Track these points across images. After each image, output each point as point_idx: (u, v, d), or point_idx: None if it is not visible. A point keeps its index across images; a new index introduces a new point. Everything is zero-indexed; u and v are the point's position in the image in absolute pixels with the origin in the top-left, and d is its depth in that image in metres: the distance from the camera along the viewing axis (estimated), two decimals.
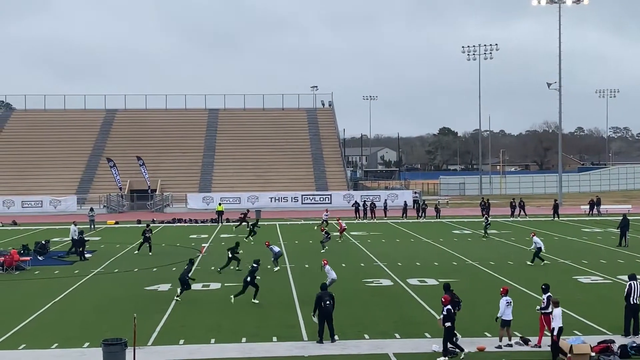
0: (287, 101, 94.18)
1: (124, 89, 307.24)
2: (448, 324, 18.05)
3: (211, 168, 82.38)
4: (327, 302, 19.93)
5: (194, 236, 48.23)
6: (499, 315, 19.14)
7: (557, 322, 17.73)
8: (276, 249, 32.97)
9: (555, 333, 17.67)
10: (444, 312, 18.18)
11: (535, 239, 33.90)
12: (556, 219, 57.35)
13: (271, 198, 72.43)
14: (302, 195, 73.03)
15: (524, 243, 41.78)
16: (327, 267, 26.31)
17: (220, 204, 61.17)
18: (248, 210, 55.33)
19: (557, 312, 17.94)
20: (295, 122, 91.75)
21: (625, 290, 20.24)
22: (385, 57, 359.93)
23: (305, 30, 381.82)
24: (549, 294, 19.37)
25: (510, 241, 42.44)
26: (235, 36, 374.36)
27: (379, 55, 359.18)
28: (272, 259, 32.69)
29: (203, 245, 41.62)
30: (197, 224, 57.68)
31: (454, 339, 18.63)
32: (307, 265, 33.98)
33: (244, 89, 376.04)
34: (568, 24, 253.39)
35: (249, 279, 25.26)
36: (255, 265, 26.18)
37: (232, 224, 56.26)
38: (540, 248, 33.43)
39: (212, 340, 20.19)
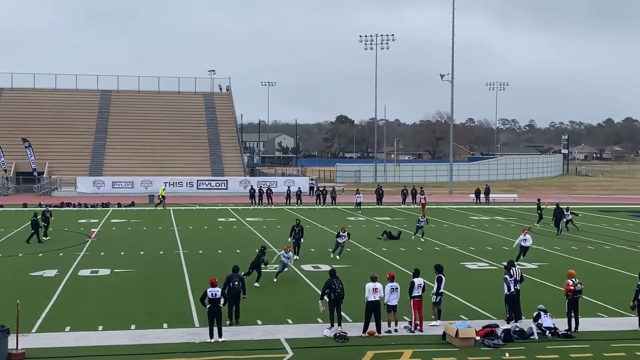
0: (184, 84, 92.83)
1: (11, 67, 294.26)
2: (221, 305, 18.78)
3: (103, 151, 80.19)
4: (236, 283, 19.94)
5: (84, 221, 46.83)
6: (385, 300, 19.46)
7: (367, 295, 19.00)
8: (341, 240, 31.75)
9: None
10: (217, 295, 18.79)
11: (525, 237, 30.76)
12: (403, 205, 59.65)
13: (166, 183, 71.05)
14: (198, 181, 72.17)
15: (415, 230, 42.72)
16: (290, 253, 26.87)
17: (163, 188, 59.76)
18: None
19: (367, 286, 19.08)
20: (192, 106, 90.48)
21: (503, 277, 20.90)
22: (283, 43, 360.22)
23: (198, 11, 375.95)
24: (419, 278, 20.01)
25: (402, 228, 43.28)
26: (127, 15, 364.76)
27: (278, 41, 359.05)
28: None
29: (92, 230, 40.47)
30: (87, 209, 56.02)
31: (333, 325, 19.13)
32: (200, 252, 33.62)
33: (139, 70, 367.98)
34: (462, 15, 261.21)
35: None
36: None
37: (158, 208, 55.17)
38: (521, 246, 30.70)
39: (100, 327, 19.64)
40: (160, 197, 57.36)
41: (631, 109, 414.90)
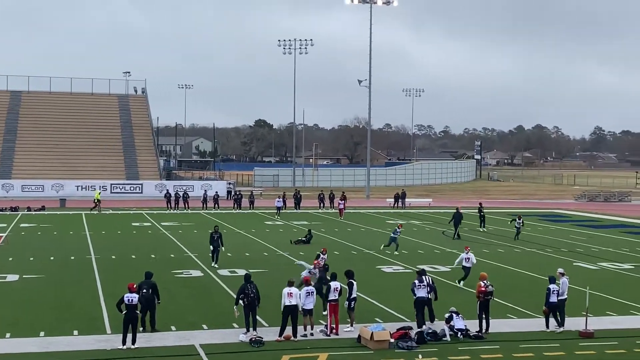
0: (97, 86, 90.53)
1: None
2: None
3: (12, 153, 77.53)
4: (144, 291, 19.59)
5: None
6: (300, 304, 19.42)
7: (283, 299, 19.00)
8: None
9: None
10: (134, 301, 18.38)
11: (468, 255, 26.98)
12: (321, 210, 60.02)
13: (77, 186, 69.45)
14: (112, 184, 70.61)
15: (333, 234, 43.02)
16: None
17: (98, 192, 58.06)
18: None
19: (283, 291, 19.12)
20: (106, 108, 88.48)
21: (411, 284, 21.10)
22: (201, 46, 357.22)
23: (113, 11, 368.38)
24: (335, 281, 20.12)
25: (321, 232, 43.47)
26: (39, 14, 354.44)
27: (195, 43, 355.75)
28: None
29: (0, 235, 39.09)
30: None
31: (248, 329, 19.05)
32: (113, 257, 32.91)
33: (51, 71, 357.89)
34: (379, 22, 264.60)
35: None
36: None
37: (94, 212, 53.52)
38: (463, 266, 26.92)
39: (8, 335, 19.04)
40: (96, 200, 56.01)
41: (541, 116, 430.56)
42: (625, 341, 19.36)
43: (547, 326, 20.36)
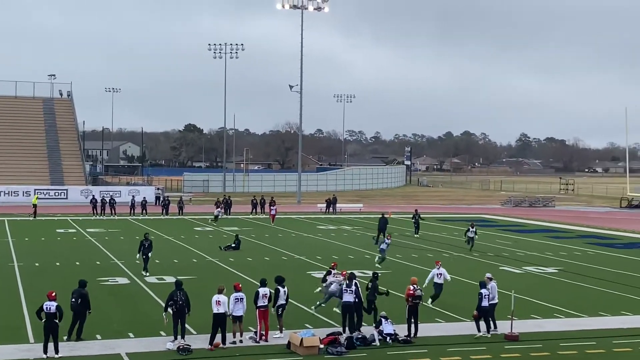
0: (21, 89, 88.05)
1: None
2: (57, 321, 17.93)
3: None
4: (73, 300, 19.20)
5: None
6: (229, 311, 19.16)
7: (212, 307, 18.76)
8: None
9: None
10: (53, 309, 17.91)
11: (440, 270, 24.71)
12: (252, 215, 59.84)
13: (2, 191, 67.26)
14: (35, 190, 68.61)
15: (263, 240, 42.80)
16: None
17: (36, 197, 56.07)
18: None
19: (213, 298, 18.89)
20: (30, 112, 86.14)
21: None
22: (129, 48, 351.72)
23: (37, 11, 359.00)
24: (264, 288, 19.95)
25: (251, 238, 43.21)
26: None
27: (123, 46, 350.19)
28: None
29: None
30: None
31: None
32: (37, 264, 31.96)
33: None
34: (310, 28, 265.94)
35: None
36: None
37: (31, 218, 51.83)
38: (435, 283, 24.66)
39: None
40: (33, 205, 54.48)
41: (469, 123, 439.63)
42: (549, 344, 19.80)
43: (479, 330, 20.52)
